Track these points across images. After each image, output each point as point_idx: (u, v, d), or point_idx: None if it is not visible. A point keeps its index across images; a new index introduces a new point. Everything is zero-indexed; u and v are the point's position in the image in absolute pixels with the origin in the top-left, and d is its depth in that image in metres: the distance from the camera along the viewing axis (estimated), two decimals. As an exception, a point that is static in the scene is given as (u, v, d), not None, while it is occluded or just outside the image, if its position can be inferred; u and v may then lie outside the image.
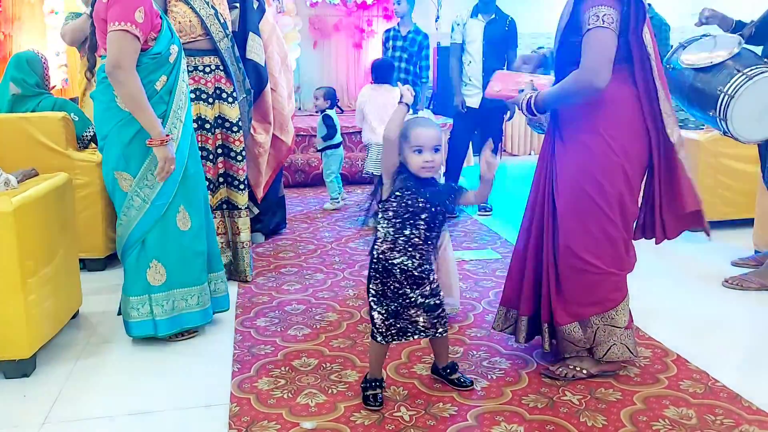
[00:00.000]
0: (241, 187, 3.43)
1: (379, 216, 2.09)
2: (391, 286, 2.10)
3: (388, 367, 2.42)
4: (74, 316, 2.87)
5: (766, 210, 3.51)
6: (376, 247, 2.12)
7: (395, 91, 4.57)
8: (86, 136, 3.66)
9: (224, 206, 3.44)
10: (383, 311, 2.11)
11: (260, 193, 3.99)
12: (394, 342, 2.16)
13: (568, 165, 2.26)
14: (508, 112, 5.03)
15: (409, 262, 2.09)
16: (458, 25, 4.91)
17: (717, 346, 2.66)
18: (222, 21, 3.27)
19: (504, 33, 4.84)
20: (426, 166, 2.03)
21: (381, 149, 5.06)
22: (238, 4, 3.71)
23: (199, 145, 3.26)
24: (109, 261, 3.69)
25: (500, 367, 2.43)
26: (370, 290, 2.14)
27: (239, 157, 3.40)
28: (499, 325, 2.51)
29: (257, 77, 3.77)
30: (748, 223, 3.98)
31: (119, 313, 2.78)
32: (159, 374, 2.45)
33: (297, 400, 2.20)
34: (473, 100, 4.91)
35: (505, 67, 4.89)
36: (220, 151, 3.38)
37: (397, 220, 2.06)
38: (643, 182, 2.34)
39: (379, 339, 2.14)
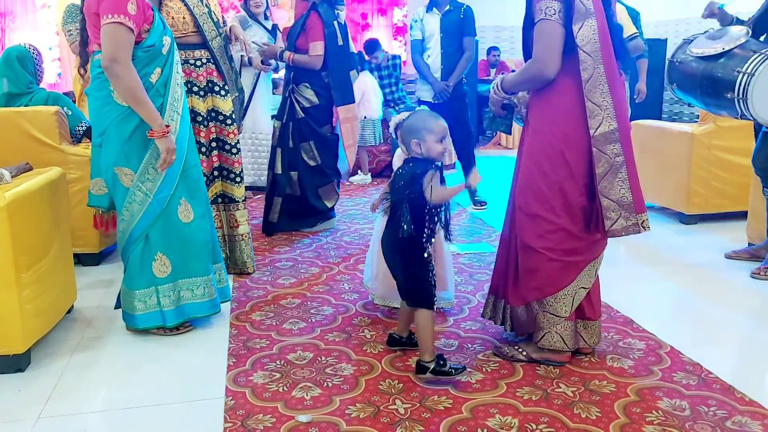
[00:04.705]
0: (238, 180, 3.43)
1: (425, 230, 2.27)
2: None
3: (383, 360, 2.43)
4: (69, 311, 2.87)
5: (760, 202, 3.53)
6: (424, 242, 2.26)
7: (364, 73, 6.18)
8: (79, 130, 3.65)
9: (219, 200, 3.44)
10: (432, 279, 2.27)
11: (351, 155, 4.53)
12: None
13: (523, 150, 2.38)
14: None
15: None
16: (416, 21, 4.92)
17: (710, 337, 2.67)
18: (215, 20, 3.27)
19: (459, 21, 4.80)
20: (444, 151, 2.25)
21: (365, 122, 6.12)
22: None
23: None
24: (104, 256, 3.69)
25: (495, 360, 2.44)
26: (426, 268, 2.26)
27: (234, 150, 3.39)
28: (487, 313, 2.58)
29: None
30: (741, 215, 4.00)
31: (117, 307, 2.77)
32: (154, 368, 2.45)
33: (292, 394, 2.21)
34: (427, 95, 4.90)
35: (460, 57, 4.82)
36: (214, 144, 3.36)
37: (431, 214, 2.25)
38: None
39: (434, 306, 2.29)
